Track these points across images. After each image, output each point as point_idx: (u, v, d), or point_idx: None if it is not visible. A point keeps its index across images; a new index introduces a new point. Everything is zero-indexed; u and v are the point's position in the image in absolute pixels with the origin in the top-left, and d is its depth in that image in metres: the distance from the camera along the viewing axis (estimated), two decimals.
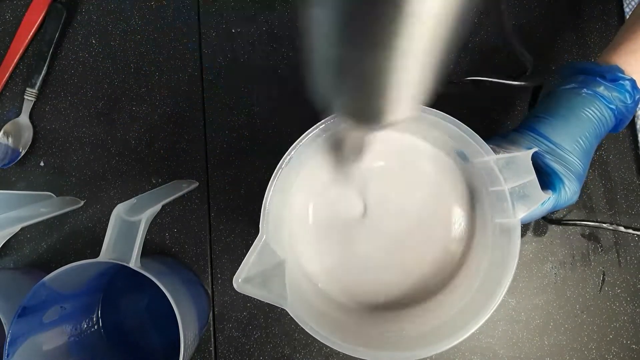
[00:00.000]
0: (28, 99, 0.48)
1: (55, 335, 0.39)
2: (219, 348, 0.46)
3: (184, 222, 0.47)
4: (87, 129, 0.49)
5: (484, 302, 0.31)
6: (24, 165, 0.48)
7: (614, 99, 0.34)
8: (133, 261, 0.35)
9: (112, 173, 0.48)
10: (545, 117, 0.35)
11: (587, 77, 0.35)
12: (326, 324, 0.32)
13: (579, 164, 0.34)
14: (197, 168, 0.48)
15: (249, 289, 0.29)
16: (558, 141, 0.34)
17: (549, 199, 0.33)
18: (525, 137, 0.35)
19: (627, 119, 0.35)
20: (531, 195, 0.32)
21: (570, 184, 0.34)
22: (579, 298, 0.45)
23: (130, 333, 0.45)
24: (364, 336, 0.34)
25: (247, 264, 0.30)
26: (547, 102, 0.36)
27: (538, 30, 0.48)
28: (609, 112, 0.34)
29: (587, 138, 0.34)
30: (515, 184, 0.32)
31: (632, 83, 0.34)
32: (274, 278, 0.31)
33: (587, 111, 0.34)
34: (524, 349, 0.45)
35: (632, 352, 0.44)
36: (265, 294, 0.30)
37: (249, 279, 0.29)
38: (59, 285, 0.37)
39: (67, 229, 0.47)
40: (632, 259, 0.45)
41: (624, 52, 0.35)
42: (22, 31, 0.49)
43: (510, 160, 0.32)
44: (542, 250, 0.45)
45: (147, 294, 0.46)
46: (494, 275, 0.32)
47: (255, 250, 0.30)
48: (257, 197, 0.47)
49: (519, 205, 0.32)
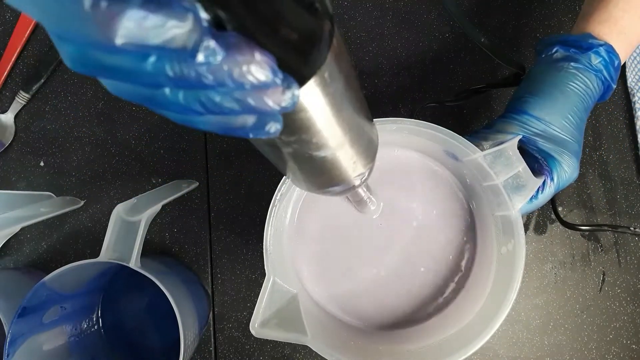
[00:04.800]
0: (19, 100, 0.48)
1: (55, 335, 0.39)
2: (219, 348, 0.46)
3: (184, 222, 0.47)
4: (87, 129, 0.49)
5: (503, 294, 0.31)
6: (24, 165, 0.48)
7: (594, 65, 0.33)
8: (133, 261, 0.35)
9: (112, 173, 0.48)
10: (530, 97, 0.34)
11: (562, 48, 0.34)
12: (347, 350, 0.32)
13: (572, 140, 0.33)
14: (197, 168, 0.48)
15: (267, 332, 0.29)
16: (547, 120, 0.33)
17: (545, 184, 0.33)
18: (512, 122, 0.34)
19: (611, 87, 0.35)
20: (526, 184, 0.32)
21: (567, 163, 0.33)
22: (579, 298, 0.45)
23: (130, 333, 0.45)
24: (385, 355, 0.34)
25: (260, 307, 0.29)
26: (528, 82, 0.36)
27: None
28: (593, 81, 0.33)
29: (576, 112, 0.33)
30: (507, 176, 0.32)
31: (607, 48, 0.33)
32: (289, 315, 0.30)
33: (570, 85, 0.33)
34: (524, 349, 0.45)
35: (632, 352, 0.44)
36: (285, 334, 0.30)
37: (265, 322, 0.29)
38: (59, 285, 0.37)
39: (67, 229, 0.47)
40: (632, 259, 0.45)
41: (596, 22, 0.34)
42: (20, 29, 0.49)
43: (498, 153, 0.32)
44: (542, 250, 0.45)
45: (147, 294, 0.46)
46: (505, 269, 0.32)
47: (265, 292, 0.30)
48: (257, 197, 0.48)
49: (515, 197, 0.32)
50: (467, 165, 0.34)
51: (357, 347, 0.35)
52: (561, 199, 0.46)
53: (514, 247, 0.32)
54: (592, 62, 0.33)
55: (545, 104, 0.33)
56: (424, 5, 0.48)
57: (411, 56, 0.48)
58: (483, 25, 0.48)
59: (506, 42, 0.48)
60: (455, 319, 0.35)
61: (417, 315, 0.38)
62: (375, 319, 0.38)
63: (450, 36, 0.48)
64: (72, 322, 0.41)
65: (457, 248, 0.38)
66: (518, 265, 0.31)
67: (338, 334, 0.36)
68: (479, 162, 0.32)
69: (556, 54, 0.35)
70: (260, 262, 0.33)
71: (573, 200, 0.46)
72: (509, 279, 0.31)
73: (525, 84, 0.36)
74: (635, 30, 0.35)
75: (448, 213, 0.38)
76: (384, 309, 0.38)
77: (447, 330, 0.34)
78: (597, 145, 0.46)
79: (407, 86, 0.47)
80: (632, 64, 0.46)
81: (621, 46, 0.34)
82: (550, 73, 0.34)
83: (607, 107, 0.47)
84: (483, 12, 0.48)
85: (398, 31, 0.48)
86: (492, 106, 0.47)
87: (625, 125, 0.47)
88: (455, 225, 0.38)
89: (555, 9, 0.48)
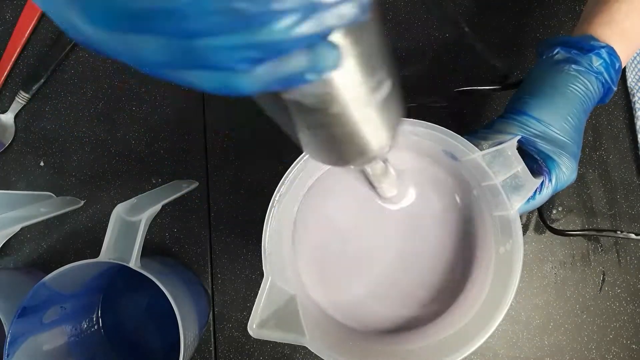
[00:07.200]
0: (19, 100, 0.48)
1: (55, 335, 0.39)
2: (219, 348, 0.46)
3: (184, 222, 0.47)
4: (87, 129, 0.49)
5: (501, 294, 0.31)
6: (24, 165, 0.48)
7: (595, 67, 0.33)
8: (133, 261, 0.35)
9: (112, 173, 0.48)
10: (530, 98, 0.34)
11: (563, 50, 0.34)
12: (346, 350, 0.32)
13: (571, 142, 0.33)
14: (197, 168, 0.48)
15: (265, 333, 0.29)
16: (547, 121, 0.33)
17: (543, 186, 0.33)
18: (511, 123, 0.34)
19: (612, 90, 0.35)
20: (524, 184, 0.32)
21: (566, 165, 0.33)
22: (579, 298, 0.45)
23: (130, 333, 0.45)
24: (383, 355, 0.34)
25: (258, 308, 0.29)
26: (529, 83, 0.35)
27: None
28: (593, 83, 0.33)
29: (576, 114, 0.33)
30: (506, 176, 0.32)
31: (609, 50, 0.33)
32: (288, 316, 0.30)
33: (571, 87, 0.33)
34: (524, 349, 0.45)
35: (632, 352, 0.44)
36: (283, 335, 0.29)
37: (263, 323, 0.29)
38: (59, 285, 0.37)
39: (67, 229, 0.47)
40: (632, 259, 0.45)
41: (597, 25, 0.34)
42: (20, 29, 0.49)
43: (497, 153, 0.32)
44: (542, 250, 0.45)
45: (147, 294, 0.46)
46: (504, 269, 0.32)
47: (263, 293, 0.30)
48: (257, 197, 0.48)
49: (514, 197, 0.32)
50: (466, 164, 0.34)
51: (355, 347, 0.35)
52: (561, 199, 0.46)
53: (512, 247, 0.32)
54: (592, 64, 0.33)
55: (545, 105, 0.33)
56: (424, 5, 0.48)
57: (411, 56, 0.48)
58: (483, 25, 0.48)
59: (506, 42, 0.48)
60: (454, 319, 0.35)
61: (416, 315, 0.38)
62: (374, 319, 0.38)
63: (450, 36, 0.48)
64: (72, 322, 0.41)
65: (455, 248, 0.38)
66: (516, 265, 0.31)
67: (336, 335, 0.36)
68: (477, 161, 0.32)
69: (557, 55, 0.35)
70: (260, 262, 0.33)
71: (573, 201, 0.46)
72: (507, 279, 0.31)
73: (525, 84, 0.36)
74: (637, 33, 0.34)
75: (446, 213, 0.38)
76: (383, 309, 0.38)
77: (446, 330, 0.34)
78: (597, 145, 0.46)
79: (407, 86, 0.47)
80: (632, 64, 0.46)
81: (623, 48, 0.34)
82: (551, 74, 0.34)
83: (607, 107, 0.47)
84: (483, 12, 0.48)
85: (398, 31, 0.48)
86: (491, 106, 0.47)
87: (625, 125, 0.47)
88: (453, 225, 0.38)
89: (555, 10, 0.48)
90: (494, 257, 0.34)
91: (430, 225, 0.38)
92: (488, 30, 0.48)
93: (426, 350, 0.33)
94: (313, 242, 0.39)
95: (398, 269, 0.38)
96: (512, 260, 0.32)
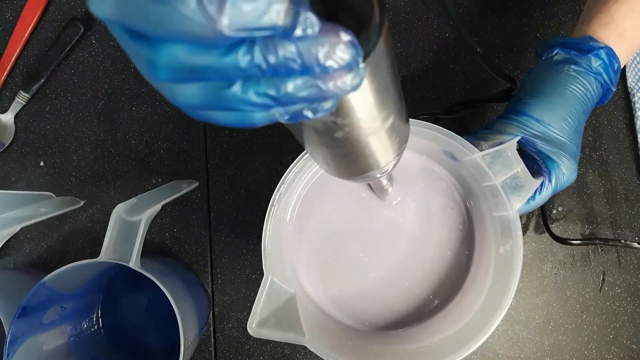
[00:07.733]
0: (19, 100, 0.48)
1: (55, 335, 0.39)
2: (219, 348, 0.46)
3: (184, 222, 0.47)
4: (87, 129, 0.49)
5: (501, 294, 0.31)
6: (24, 165, 0.48)
7: (594, 68, 0.33)
8: (133, 261, 0.35)
9: (112, 173, 0.48)
10: (530, 99, 0.34)
11: (562, 50, 0.34)
12: (345, 350, 0.32)
13: (571, 143, 0.33)
14: (197, 168, 0.48)
15: (264, 332, 0.29)
16: (546, 121, 0.33)
17: (543, 186, 0.33)
18: (511, 123, 0.34)
19: (611, 91, 0.35)
20: (524, 184, 0.32)
21: (565, 166, 0.33)
22: (579, 298, 0.45)
23: (130, 333, 0.45)
24: (383, 355, 0.34)
25: (257, 307, 0.29)
26: (528, 84, 0.36)
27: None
28: (592, 84, 0.33)
29: (575, 115, 0.33)
30: (505, 176, 0.32)
31: (608, 50, 0.33)
32: (287, 315, 0.30)
33: (570, 88, 0.33)
34: (524, 349, 0.45)
35: (632, 352, 0.44)
36: (282, 334, 0.29)
37: (262, 322, 0.29)
38: (59, 285, 0.37)
39: (67, 229, 0.47)
40: (632, 259, 0.45)
41: (597, 25, 0.34)
42: (20, 29, 0.49)
43: (497, 153, 0.32)
44: (542, 250, 0.45)
45: (147, 294, 0.46)
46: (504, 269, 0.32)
47: (263, 292, 0.30)
48: (257, 197, 0.48)
49: (514, 197, 0.32)
50: (466, 165, 0.34)
51: (355, 347, 0.35)
52: (561, 199, 0.46)
53: (512, 248, 0.32)
54: (592, 64, 0.33)
55: (545, 106, 0.33)
56: (424, 5, 0.48)
57: (411, 56, 0.48)
58: (483, 25, 0.48)
59: (506, 42, 0.48)
60: (453, 319, 0.35)
61: (415, 315, 0.38)
62: (374, 319, 0.38)
63: (450, 36, 0.48)
64: (72, 322, 0.41)
65: (455, 248, 0.38)
66: (516, 265, 0.31)
67: (336, 334, 0.36)
68: (477, 162, 0.32)
69: (556, 56, 0.35)
70: (260, 262, 0.33)
71: (573, 201, 0.46)
72: (507, 279, 0.31)
73: (525, 85, 0.36)
74: (636, 34, 0.35)
75: (446, 213, 0.38)
76: (382, 309, 0.38)
77: (445, 330, 0.34)
78: (597, 145, 0.46)
79: (407, 86, 0.47)
80: (632, 64, 0.46)
81: (622, 49, 0.34)
82: (550, 75, 0.34)
83: (607, 107, 0.47)
84: (483, 12, 0.48)
85: (398, 31, 0.48)
86: (491, 107, 0.47)
87: (625, 125, 0.47)
88: (453, 225, 0.38)
89: (555, 10, 0.48)
90: (494, 257, 0.34)
91: (430, 225, 0.38)
92: (488, 30, 0.48)
93: (426, 350, 0.33)
94: (312, 242, 0.39)
95: (397, 269, 0.38)
96: (512, 261, 0.32)
